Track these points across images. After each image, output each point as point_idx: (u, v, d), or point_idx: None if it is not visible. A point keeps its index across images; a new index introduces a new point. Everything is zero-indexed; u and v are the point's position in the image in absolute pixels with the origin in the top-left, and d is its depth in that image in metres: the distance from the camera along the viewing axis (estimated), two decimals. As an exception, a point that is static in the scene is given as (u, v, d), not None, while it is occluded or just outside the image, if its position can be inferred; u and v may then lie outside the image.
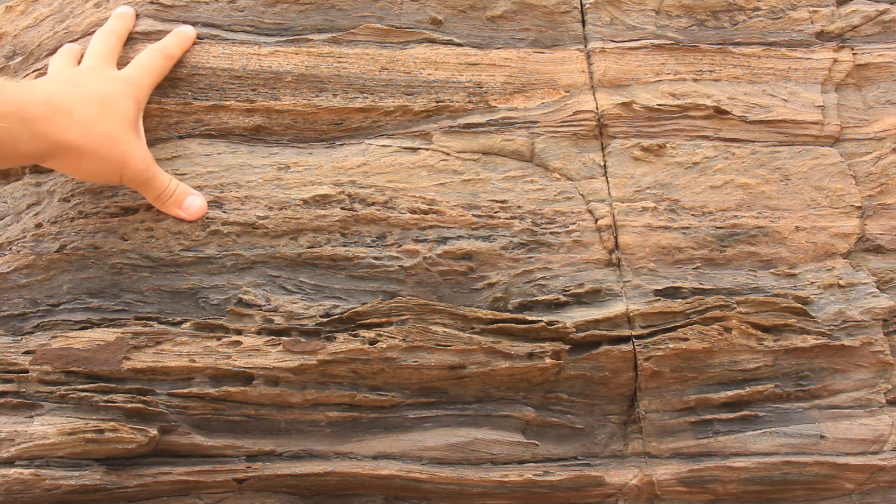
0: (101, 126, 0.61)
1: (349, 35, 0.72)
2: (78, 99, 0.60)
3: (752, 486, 0.67)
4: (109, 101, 0.62)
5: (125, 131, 0.62)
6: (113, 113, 0.62)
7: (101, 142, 0.60)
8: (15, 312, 0.67)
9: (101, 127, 0.61)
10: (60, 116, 0.59)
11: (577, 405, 0.68)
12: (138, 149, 0.63)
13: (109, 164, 0.61)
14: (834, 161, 0.72)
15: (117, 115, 0.62)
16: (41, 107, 0.58)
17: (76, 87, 0.62)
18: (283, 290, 0.66)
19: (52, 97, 0.59)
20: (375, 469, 0.65)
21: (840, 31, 0.76)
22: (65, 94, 0.60)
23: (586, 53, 0.74)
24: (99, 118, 0.61)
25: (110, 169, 0.62)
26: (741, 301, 0.67)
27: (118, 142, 0.61)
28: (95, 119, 0.60)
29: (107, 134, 0.61)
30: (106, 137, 0.61)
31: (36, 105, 0.58)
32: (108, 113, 0.62)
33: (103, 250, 0.66)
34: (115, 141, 0.61)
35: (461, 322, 0.66)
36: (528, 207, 0.69)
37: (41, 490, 0.61)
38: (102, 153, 0.61)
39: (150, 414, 0.63)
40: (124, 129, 0.62)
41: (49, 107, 0.58)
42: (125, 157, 0.62)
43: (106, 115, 0.61)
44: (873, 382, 0.69)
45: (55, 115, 0.58)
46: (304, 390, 0.65)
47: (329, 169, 0.69)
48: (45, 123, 0.58)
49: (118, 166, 0.62)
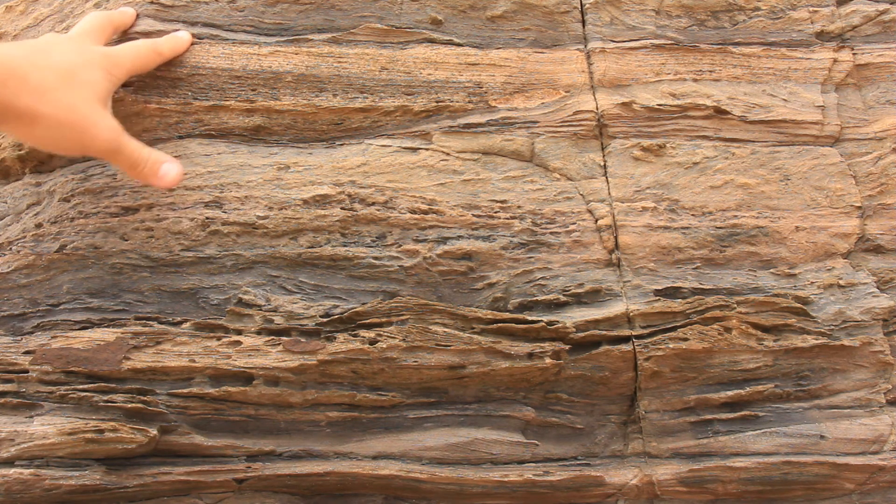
0: (59, 94, 0.59)
1: (349, 35, 0.72)
2: (38, 65, 0.59)
3: (752, 486, 0.67)
4: (74, 70, 0.60)
5: (88, 101, 0.61)
6: (76, 83, 0.60)
7: (57, 108, 0.59)
8: (15, 312, 0.67)
9: (59, 94, 0.59)
10: (14, 81, 0.57)
11: (577, 405, 0.68)
12: (102, 118, 0.61)
13: (67, 131, 0.60)
14: (834, 161, 0.72)
15: (81, 85, 0.60)
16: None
17: (41, 54, 0.60)
18: (283, 290, 0.66)
19: (8, 61, 0.57)
20: (375, 469, 0.65)
21: (840, 31, 0.76)
22: (24, 59, 0.59)
23: (586, 53, 0.74)
24: (59, 86, 0.59)
25: (69, 137, 0.60)
26: (741, 301, 0.67)
27: (76, 110, 0.60)
28: (55, 86, 0.59)
29: (65, 101, 0.59)
30: (63, 105, 0.59)
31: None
32: (70, 82, 0.60)
33: (103, 250, 0.66)
34: (74, 109, 0.59)
35: (461, 322, 0.66)
36: (528, 207, 0.69)
37: (41, 490, 0.61)
38: (58, 120, 0.59)
39: (150, 414, 0.63)
40: (87, 98, 0.61)
41: (4, 69, 0.57)
42: (85, 125, 0.60)
43: (67, 84, 0.60)
44: (873, 382, 0.69)
45: (9, 80, 0.57)
46: (304, 390, 0.65)
47: (329, 169, 0.69)
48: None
49: (77, 135, 0.60)
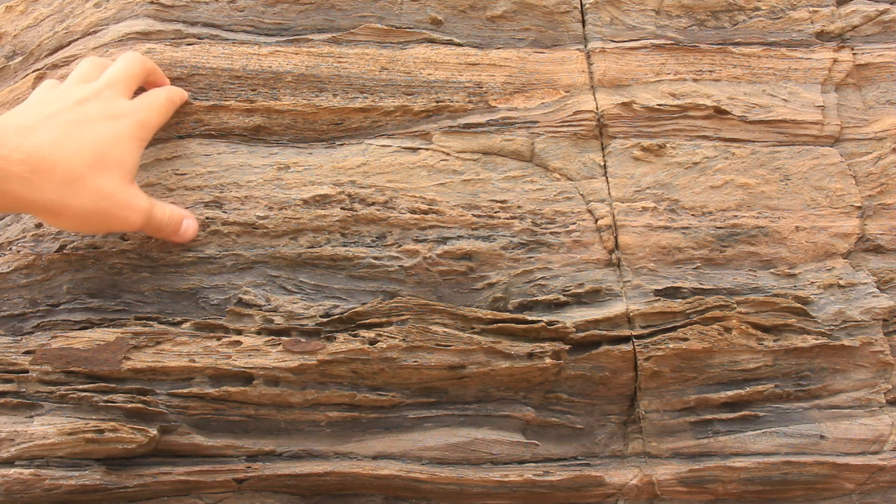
0: (88, 182, 0.56)
1: (349, 35, 0.72)
2: (66, 151, 0.55)
3: (752, 486, 0.67)
4: (104, 151, 0.57)
5: (117, 184, 0.58)
6: (106, 165, 0.57)
7: (85, 199, 0.56)
8: (15, 312, 0.67)
9: (88, 183, 0.56)
10: (39, 177, 0.53)
11: (577, 405, 0.68)
12: (132, 199, 0.59)
13: (95, 219, 0.58)
14: (834, 161, 0.72)
15: (111, 168, 0.58)
16: (18, 166, 0.52)
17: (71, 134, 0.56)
18: (283, 290, 0.66)
19: (35, 153, 0.53)
20: (375, 469, 0.65)
21: (840, 31, 0.76)
22: (52, 148, 0.54)
23: (586, 53, 0.74)
24: (88, 172, 0.56)
25: (97, 224, 0.59)
26: (741, 301, 0.67)
27: (106, 197, 0.57)
28: (83, 174, 0.56)
29: (94, 190, 0.56)
30: (92, 194, 0.56)
31: (14, 164, 0.52)
32: (100, 165, 0.57)
33: (103, 250, 0.66)
34: (103, 196, 0.57)
35: (461, 322, 0.66)
36: (528, 207, 0.69)
37: (41, 490, 0.61)
38: (86, 210, 0.56)
39: (150, 414, 0.63)
40: (116, 181, 0.58)
41: (28, 166, 0.53)
42: (114, 211, 0.58)
43: (97, 169, 0.57)
44: (873, 382, 0.69)
45: (33, 176, 0.53)
46: (304, 390, 0.65)
47: (329, 169, 0.69)
48: (19, 184, 0.52)
49: (106, 220, 0.58)
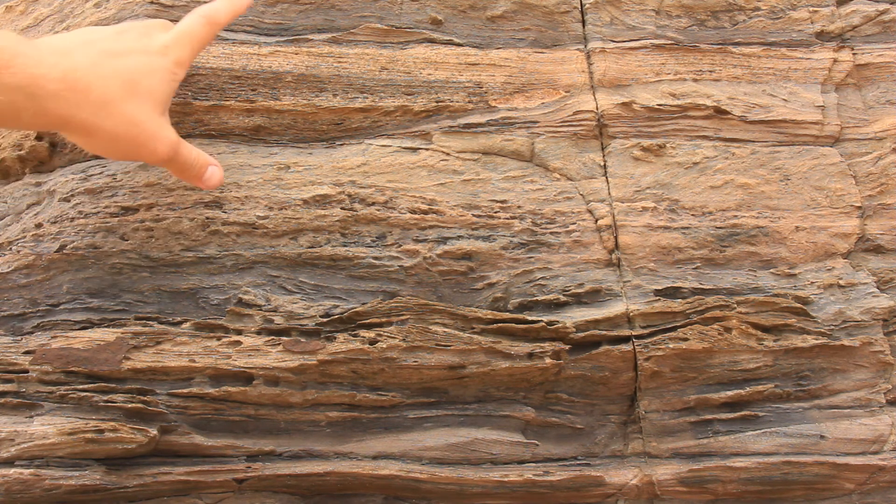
0: (121, 106, 0.57)
1: (349, 35, 0.72)
2: (102, 74, 0.56)
3: (752, 486, 0.67)
4: (138, 79, 0.58)
5: (149, 112, 0.59)
6: (139, 93, 0.58)
7: (117, 122, 0.57)
8: (15, 312, 0.67)
9: (120, 107, 0.57)
10: (75, 95, 0.55)
11: (577, 405, 0.68)
12: (161, 129, 0.60)
13: (125, 144, 0.58)
14: (834, 161, 0.72)
15: (143, 96, 0.58)
16: (56, 83, 0.54)
17: (107, 59, 0.58)
18: (283, 290, 0.66)
19: (72, 73, 0.55)
20: (375, 469, 0.65)
21: (840, 31, 0.76)
22: (88, 69, 0.56)
23: (586, 53, 0.74)
24: (121, 97, 0.57)
25: (126, 150, 0.59)
26: (741, 301, 0.67)
27: (137, 123, 0.58)
28: (117, 98, 0.57)
29: (126, 115, 0.57)
30: (124, 118, 0.57)
31: (51, 81, 0.53)
32: (132, 92, 0.57)
33: (103, 250, 0.66)
34: (134, 122, 0.58)
35: (461, 322, 0.66)
36: (528, 207, 0.69)
37: (41, 490, 0.61)
38: (117, 134, 0.57)
39: (150, 414, 0.63)
40: (148, 110, 0.59)
41: (65, 84, 0.54)
42: (144, 138, 0.58)
43: (129, 94, 0.57)
44: (873, 382, 0.69)
45: (69, 93, 0.54)
46: (304, 390, 0.65)
47: (329, 169, 0.69)
48: (56, 100, 0.54)
49: (135, 148, 0.59)
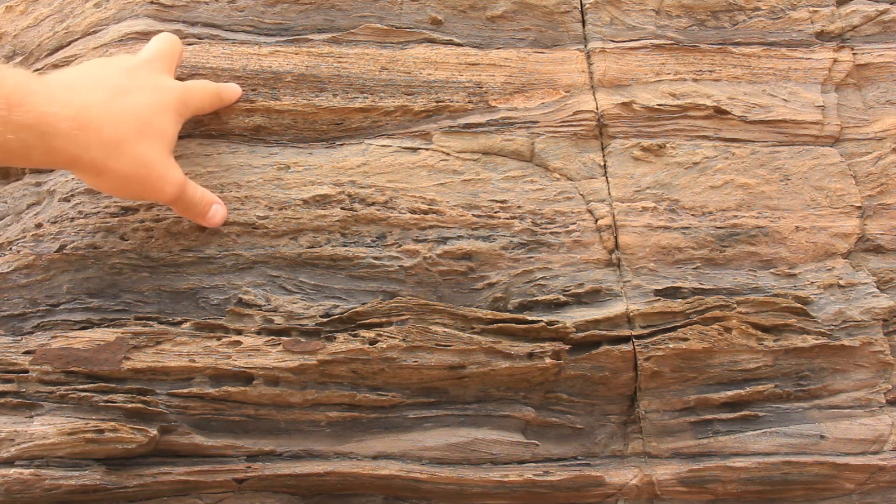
0: (131, 147, 0.57)
1: (349, 35, 0.72)
2: (113, 114, 0.56)
3: (752, 486, 0.67)
4: (148, 119, 0.58)
5: (158, 153, 0.59)
6: (149, 133, 0.58)
7: (126, 163, 0.57)
8: (15, 312, 0.67)
9: (130, 148, 0.57)
10: (86, 134, 0.54)
11: (577, 405, 0.68)
12: (169, 170, 0.60)
13: (133, 184, 0.58)
14: (834, 161, 0.72)
15: (153, 136, 0.58)
16: (67, 123, 0.53)
17: (118, 98, 0.57)
18: (283, 290, 0.66)
19: (84, 112, 0.54)
20: (375, 469, 0.65)
21: (840, 31, 0.76)
22: (101, 108, 0.56)
23: (586, 53, 0.74)
24: (131, 137, 0.57)
25: (134, 190, 0.59)
26: (741, 301, 0.67)
27: (145, 164, 0.58)
28: (127, 138, 0.56)
29: (135, 155, 0.57)
30: (134, 159, 0.57)
31: (62, 121, 0.53)
32: (143, 132, 0.58)
33: (103, 250, 0.66)
34: (143, 163, 0.58)
35: (461, 322, 0.66)
36: (528, 207, 0.69)
37: (41, 490, 0.61)
38: (126, 174, 0.57)
39: (150, 414, 0.63)
40: (157, 150, 0.59)
41: (76, 123, 0.54)
42: (152, 179, 0.58)
43: (140, 135, 0.57)
44: (873, 382, 0.69)
45: (80, 134, 0.54)
46: (304, 390, 0.65)
47: (329, 169, 0.69)
48: (66, 140, 0.53)
49: (142, 188, 0.59)
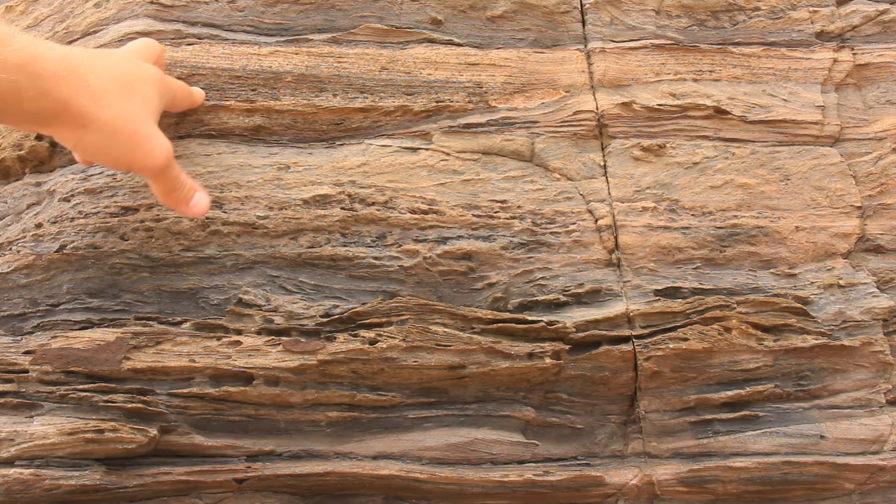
0: (117, 100, 0.54)
1: (349, 35, 0.72)
2: (97, 67, 0.54)
3: (752, 486, 0.67)
4: (131, 80, 0.56)
5: (144, 114, 0.56)
6: (134, 92, 0.56)
7: (115, 115, 0.54)
8: (15, 312, 0.67)
9: (117, 101, 0.54)
10: (75, 78, 0.52)
11: (577, 405, 0.68)
12: (157, 134, 0.57)
13: (121, 141, 0.55)
14: (834, 161, 0.72)
15: (138, 97, 0.56)
16: (56, 63, 0.51)
17: (99, 59, 0.55)
18: (283, 290, 0.66)
19: (69, 57, 0.52)
20: (375, 469, 0.65)
21: (840, 31, 0.76)
22: (84, 59, 0.54)
23: (586, 53, 0.74)
24: (117, 92, 0.54)
25: (121, 148, 0.56)
26: (741, 301, 0.67)
27: (133, 120, 0.55)
28: (113, 91, 0.54)
29: (123, 109, 0.54)
30: (121, 112, 0.54)
31: (51, 61, 0.51)
32: (128, 90, 0.55)
33: (103, 250, 0.66)
34: (131, 119, 0.55)
35: (461, 322, 0.66)
36: (528, 207, 0.69)
37: (41, 490, 0.61)
38: (114, 127, 0.54)
39: (150, 414, 0.63)
40: (143, 111, 0.56)
41: (65, 65, 0.52)
42: (140, 138, 0.55)
43: (125, 92, 0.55)
44: (873, 382, 0.69)
45: (69, 76, 0.52)
46: (304, 390, 0.65)
47: (329, 169, 0.69)
48: (58, 82, 0.51)
49: (130, 147, 0.55)
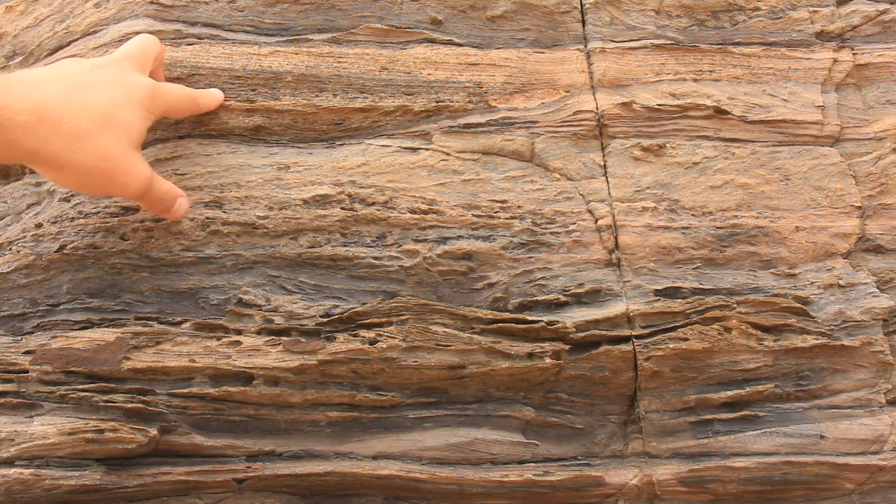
0: (92, 139, 0.56)
1: (349, 35, 0.72)
2: (73, 107, 0.56)
3: (752, 486, 0.67)
4: (111, 112, 0.58)
5: (121, 146, 0.58)
6: (112, 126, 0.57)
7: (88, 155, 0.56)
8: (15, 312, 0.67)
9: (92, 140, 0.56)
10: (45, 127, 0.54)
11: (577, 405, 0.68)
12: (134, 164, 0.59)
13: (96, 178, 0.57)
14: (834, 161, 0.72)
15: (116, 129, 0.58)
16: (25, 115, 0.52)
17: (79, 92, 0.57)
18: (283, 290, 0.66)
19: (42, 105, 0.54)
20: (375, 469, 0.65)
21: (840, 31, 0.76)
22: (60, 101, 0.55)
23: (586, 53, 0.74)
24: (93, 130, 0.56)
25: (98, 184, 0.58)
26: (741, 301, 0.67)
27: (108, 157, 0.57)
28: (88, 131, 0.56)
29: (97, 148, 0.56)
30: (95, 151, 0.56)
31: (20, 113, 0.52)
32: (105, 125, 0.57)
33: (103, 250, 0.66)
34: (106, 156, 0.57)
35: (461, 322, 0.66)
36: (528, 207, 0.69)
37: (41, 490, 0.61)
38: (87, 167, 0.56)
39: (150, 414, 0.63)
40: (121, 143, 0.58)
41: (35, 116, 0.53)
42: (115, 172, 0.58)
43: (102, 128, 0.57)
44: (873, 382, 0.69)
45: (39, 126, 0.53)
46: (304, 390, 0.65)
47: (329, 169, 0.69)
48: (23, 132, 0.53)
49: (107, 181, 0.58)
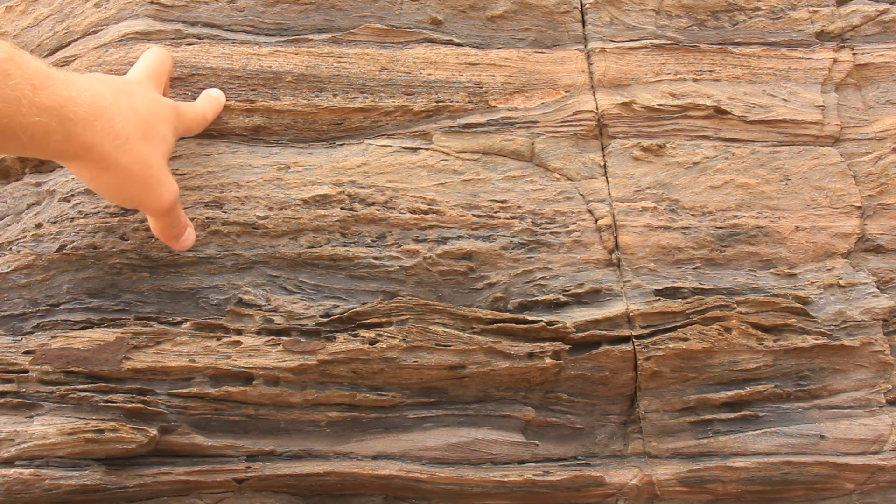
0: (137, 144, 0.57)
1: (349, 35, 0.72)
2: (122, 109, 0.57)
3: (752, 486, 0.67)
4: (151, 121, 0.59)
5: (159, 157, 0.59)
6: (152, 135, 0.59)
7: (133, 160, 0.57)
8: (15, 312, 0.67)
9: (137, 145, 0.57)
10: (102, 123, 0.54)
11: (577, 405, 0.68)
12: (168, 178, 0.60)
13: (135, 184, 0.58)
14: (834, 161, 0.72)
15: (155, 139, 0.59)
16: (85, 108, 0.53)
17: (124, 97, 0.58)
18: (283, 290, 0.66)
19: (98, 101, 0.55)
20: (375, 469, 0.65)
21: (840, 31, 0.76)
22: (112, 103, 0.56)
23: (586, 53, 0.74)
24: (138, 135, 0.57)
25: (134, 191, 0.58)
26: (741, 301, 0.67)
27: (149, 165, 0.58)
28: (135, 135, 0.57)
29: (142, 154, 0.57)
30: (140, 157, 0.57)
31: (81, 106, 0.53)
32: (147, 133, 0.58)
33: (103, 250, 0.66)
34: (147, 164, 0.58)
35: (461, 322, 0.66)
36: (528, 207, 0.69)
37: (41, 490, 0.61)
38: (131, 171, 0.57)
39: (150, 414, 0.63)
40: (159, 154, 0.59)
41: (93, 110, 0.54)
42: (153, 182, 0.58)
43: (145, 135, 0.58)
44: (873, 382, 0.69)
45: (97, 121, 0.54)
46: (304, 390, 0.65)
47: (329, 169, 0.69)
48: (85, 127, 0.53)
49: (143, 190, 0.58)
